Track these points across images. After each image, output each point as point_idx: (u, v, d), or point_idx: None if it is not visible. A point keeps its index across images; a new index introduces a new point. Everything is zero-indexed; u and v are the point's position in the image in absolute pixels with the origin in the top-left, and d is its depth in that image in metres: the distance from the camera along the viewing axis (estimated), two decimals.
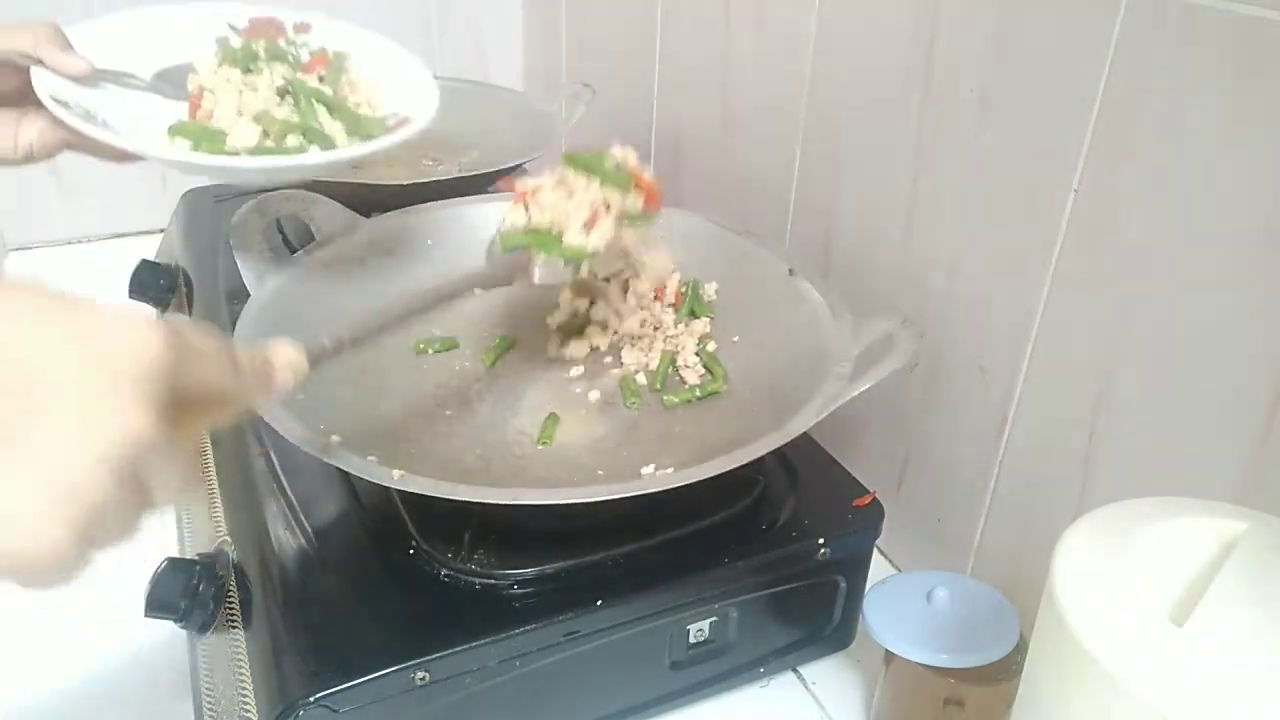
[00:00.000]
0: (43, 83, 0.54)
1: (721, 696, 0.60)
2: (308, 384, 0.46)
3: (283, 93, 0.62)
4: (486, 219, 0.74)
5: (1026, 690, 0.41)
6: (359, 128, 0.63)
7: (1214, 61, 0.46)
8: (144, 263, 0.88)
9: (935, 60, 0.62)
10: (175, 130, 0.59)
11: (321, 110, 0.62)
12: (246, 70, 0.63)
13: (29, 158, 0.56)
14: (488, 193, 0.83)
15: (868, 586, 0.60)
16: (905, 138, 0.65)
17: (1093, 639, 0.35)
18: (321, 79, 0.65)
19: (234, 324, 0.60)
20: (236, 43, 0.65)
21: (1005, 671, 0.54)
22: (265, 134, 0.59)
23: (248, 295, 0.62)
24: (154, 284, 0.87)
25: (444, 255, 0.72)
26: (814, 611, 0.61)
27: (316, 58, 0.67)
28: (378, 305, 0.59)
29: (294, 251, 0.67)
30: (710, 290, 0.71)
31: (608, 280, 0.73)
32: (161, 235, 0.97)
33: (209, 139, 0.59)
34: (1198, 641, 0.34)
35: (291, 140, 0.60)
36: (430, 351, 0.68)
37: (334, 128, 0.62)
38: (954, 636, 0.54)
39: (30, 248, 1.15)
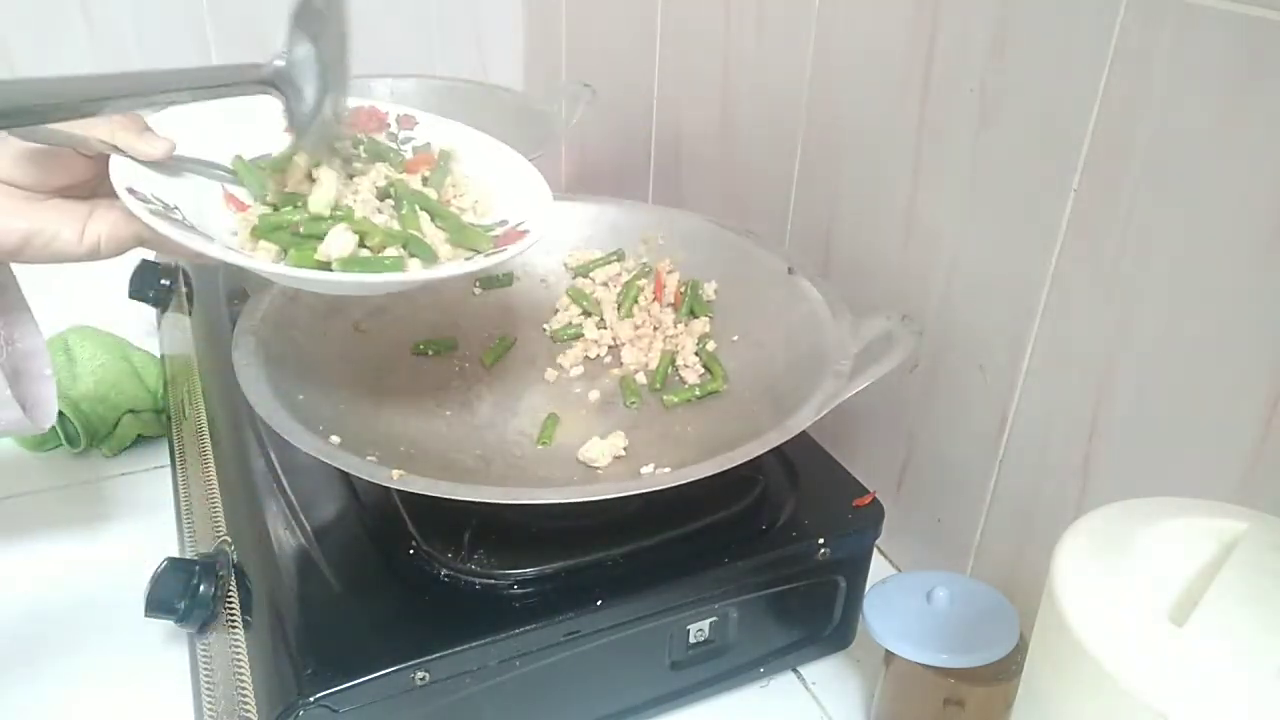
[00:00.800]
0: (120, 172, 0.48)
1: (721, 696, 0.60)
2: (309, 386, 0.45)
3: (383, 194, 0.55)
4: None
5: (1026, 690, 0.41)
6: (464, 238, 0.54)
7: (1214, 61, 0.46)
8: (144, 262, 0.88)
9: (935, 60, 0.62)
10: (261, 230, 0.52)
11: (424, 217, 0.55)
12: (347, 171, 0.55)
13: (93, 253, 0.49)
14: None
15: (868, 586, 0.60)
16: (905, 138, 0.65)
17: (1093, 639, 0.35)
18: (426, 180, 0.57)
19: (234, 324, 0.60)
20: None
21: (1005, 671, 0.54)
22: (361, 243, 0.51)
23: (247, 295, 0.62)
24: (154, 284, 0.87)
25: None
26: (814, 611, 0.61)
27: (421, 156, 0.59)
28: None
29: None
30: (710, 290, 0.71)
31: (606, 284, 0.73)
32: None
33: (298, 244, 0.51)
34: (1198, 641, 0.34)
35: (390, 251, 0.51)
36: (429, 353, 0.68)
37: (436, 236, 0.54)
38: (954, 636, 0.54)
39: None
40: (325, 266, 0.50)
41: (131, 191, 0.47)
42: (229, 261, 0.48)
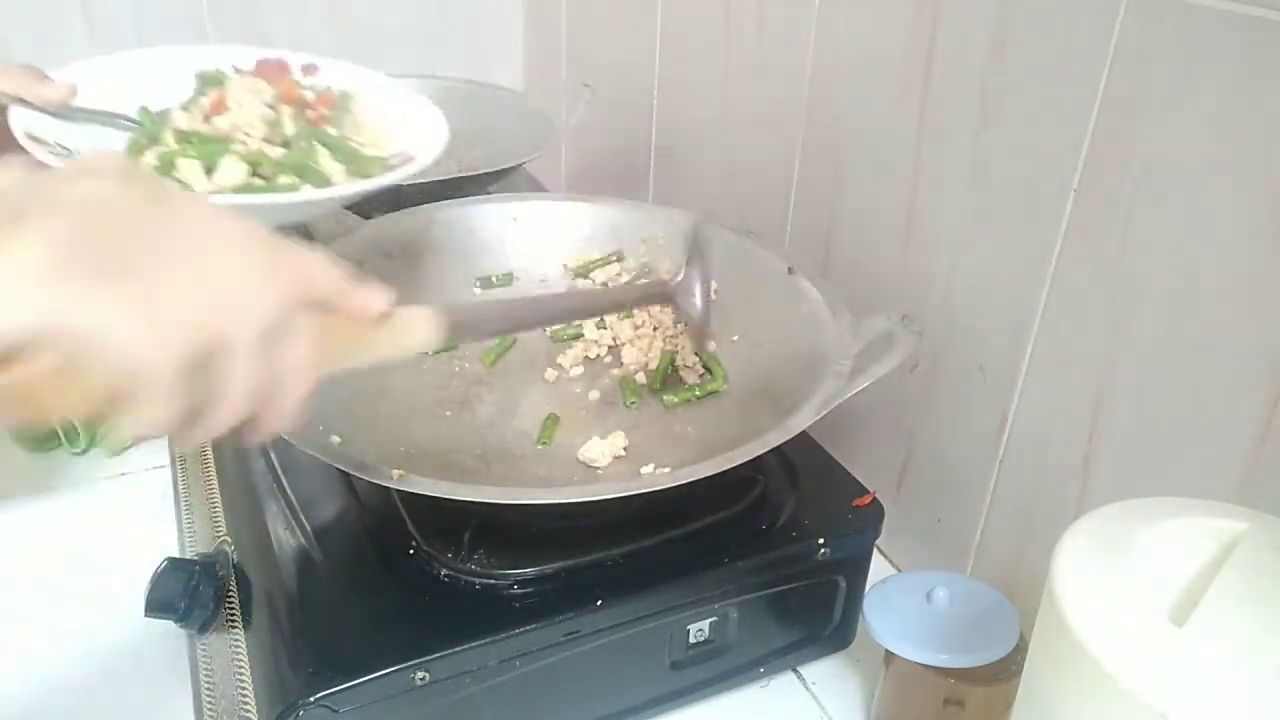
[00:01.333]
0: (19, 120, 0.52)
1: (721, 696, 0.60)
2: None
3: (285, 142, 0.62)
4: (486, 219, 0.74)
5: (1026, 690, 0.41)
6: (360, 167, 0.61)
7: (1214, 61, 0.46)
8: None
9: (935, 60, 0.62)
10: (163, 168, 0.58)
11: (323, 152, 0.61)
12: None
13: None
14: (488, 193, 0.83)
15: (868, 586, 0.60)
16: (905, 138, 0.65)
17: (1093, 639, 0.35)
18: (325, 119, 0.63)
19: None
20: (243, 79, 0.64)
21: (1005, 671, 0.54)
22: (254, 173, 0.58)
23: None
24: None
25: (443, 257, 0.72)
26: (814, 611, 0.61)
27: (322, 97, 0.65)
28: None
29: None
30: (710, 289, 0.71)
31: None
32: None
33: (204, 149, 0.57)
34: (1198, 641, 0.34)
35: (284, 179, 0.59)
36: (429, 353, 0.68)
37: (334, 169, 0.61)
38: (954, 636, 0.54)
39: None
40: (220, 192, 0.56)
41: (31, 137, 0.51)
42: None
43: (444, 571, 0.53)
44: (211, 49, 0.66)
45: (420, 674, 0.48)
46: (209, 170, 0.58)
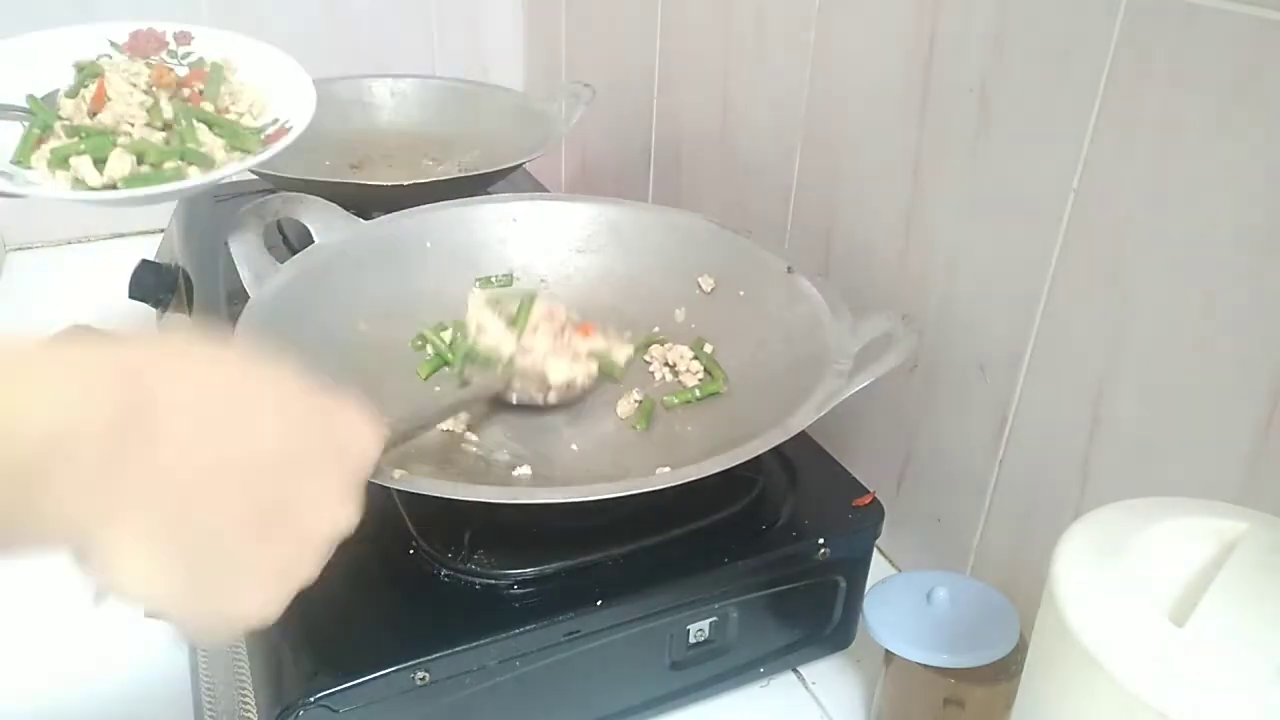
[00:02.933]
0: None
1: (721, 696, 0.60)
2: None
3: (166, 125, 0.64)
4: (486, 219, 0.74)
5: (1026, 690, 0.41)
6: (238, 142, 0.64)
7: (1214, 61, 0.46)
8: (144, 263, 0.87)
9: (935, 60, 0.62)
10: (55, 160, 0.60)
11: (202, 128, 0.63)
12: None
13: None
14: (488, 193, 0.83)
15: (868, 586, 0.60)
16: (905, 138, 0.65)
17: (1093, 639, 0.35)
18: (200, 93, 0.66)
19: (234, 324, 0.60)
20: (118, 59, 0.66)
21: (1005, 671, 0.54)
22: (140, 162, 0.60)
23: (247, 296, 0.62)
24: (154, 284, 0.87)
25: (443, 257, 0.72)
26: (814, 611, 0.61)
27: (194, 71, 0.67)
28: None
29: (293, 252, 0.67)
30: (709, 282, 0.70)
31: None
32: (161, 235, 0.96)
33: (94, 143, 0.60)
34: (1198, 641, 0.34)
35: (169, 165, 0.61)
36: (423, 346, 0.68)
37: (215, 144, 0.63)
38: (954, 636, 0.54)
39: (30, 247, 1.15)
40: (112, 186, 0.59)
41: None
42: (23, 193, 0.56)
43: (444, 571, 0.53)
44: (86, 28, 0.67)
45: (420, 674, 0.48)
46: (99, 163, 0.60)
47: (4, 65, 0.63)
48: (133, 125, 0.62)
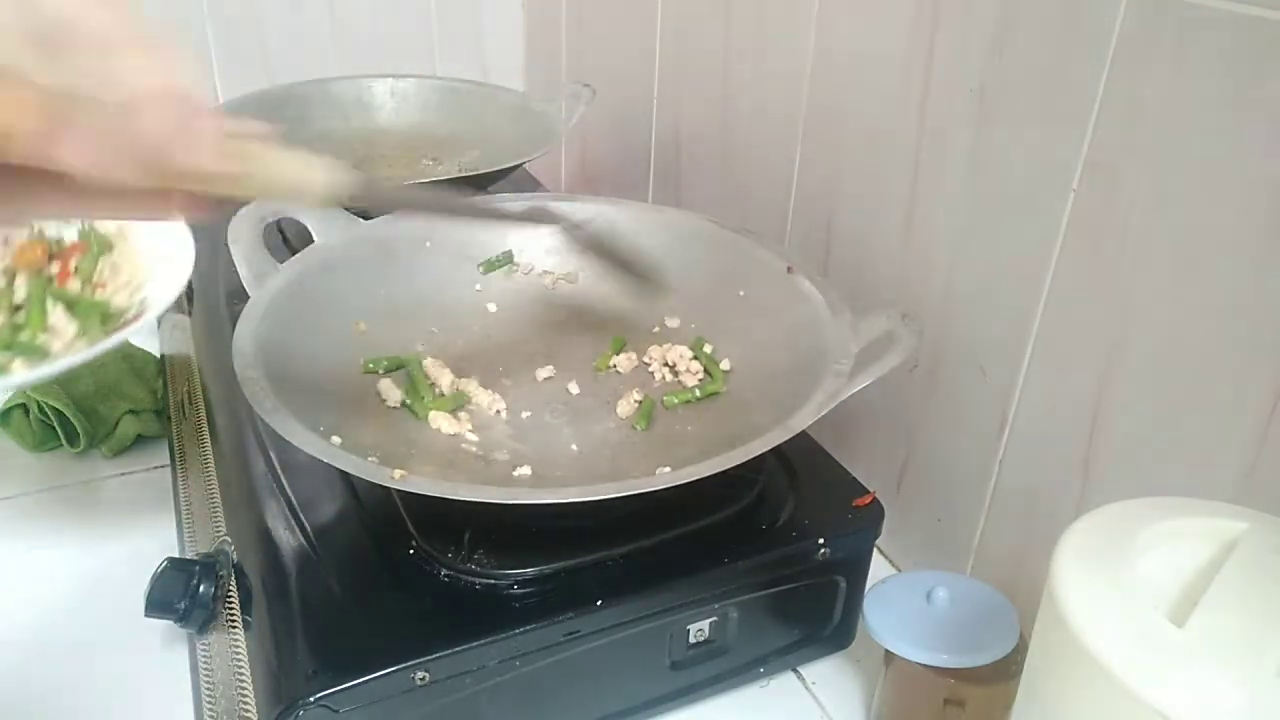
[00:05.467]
0: None
1: (721, 696, 0.60)
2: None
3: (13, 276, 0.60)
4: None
5: (1026, 690, 0.41)
6: (91, 326, 0.59)
7: (1214, 61, 0.46)
8: None
9: (935, 60, 0.62)
10: None
11: (59, 308, 0.59)
12: None
13: None
14: (488, 193, 0.83)
15: (868, 586, 0.60)
16: (905, 138, 0.65)
17: (1093, 639, 0.35)
18: (76, 270, 0.62)
19: (234, 324, 0.60)
20: None
21: (1005, 671, 0.54)
22: None
23: (247, 296, 0.62)
24: None
25: (443, 257, 0.72)
26: (814, 611, 0.61)
27: (73, 245, 0.64)
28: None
29: (293, 252, 0.67)
30: (705, 280, 0.70)
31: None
32: None
33: None
34: (1198, 641, 0.34)
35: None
36: (380, 372, 0.65)
37: (64, 330, 0.58)
38: (954, 636, 0.54)
39: None
40: None
41: None
42: None
43: (444, 571, 0.53)
44: None
45: (420, 674, 0.48)
46: None
47: None
48: None
